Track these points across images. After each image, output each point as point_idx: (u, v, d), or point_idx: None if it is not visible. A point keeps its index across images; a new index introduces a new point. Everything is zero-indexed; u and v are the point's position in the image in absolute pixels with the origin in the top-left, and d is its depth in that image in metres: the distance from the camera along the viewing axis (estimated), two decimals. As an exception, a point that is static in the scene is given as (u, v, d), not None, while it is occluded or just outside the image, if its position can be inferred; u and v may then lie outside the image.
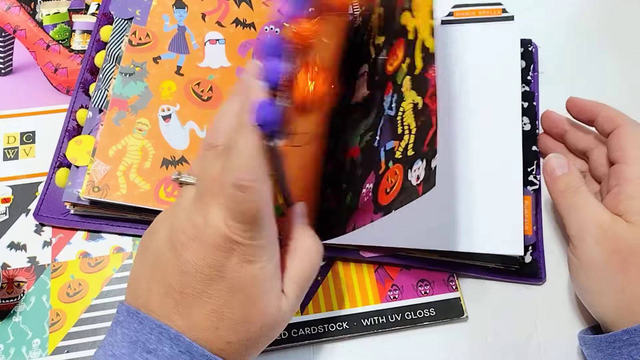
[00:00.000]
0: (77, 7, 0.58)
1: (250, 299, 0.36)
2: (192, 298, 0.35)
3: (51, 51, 0.56)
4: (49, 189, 0.49)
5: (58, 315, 0.46)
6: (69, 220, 0.49)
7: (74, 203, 0.47)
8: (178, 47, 0.51)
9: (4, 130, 0.53)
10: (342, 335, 0.46)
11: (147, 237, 0.39)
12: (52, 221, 0.49)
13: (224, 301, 0.35)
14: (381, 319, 0.46)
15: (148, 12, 0.52)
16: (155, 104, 0.49)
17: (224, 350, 0.36)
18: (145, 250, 0.38)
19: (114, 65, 0.51)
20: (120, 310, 0.37)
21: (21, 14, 0.57)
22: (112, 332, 0.36)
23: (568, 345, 0.46)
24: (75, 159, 0.48)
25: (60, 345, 0.45)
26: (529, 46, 0.55)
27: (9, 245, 0.49)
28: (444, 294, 0.47)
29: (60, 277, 0.48)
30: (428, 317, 0.46)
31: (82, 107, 0.51)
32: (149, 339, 0.35)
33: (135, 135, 0.48)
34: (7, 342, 0.45)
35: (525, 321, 0.47)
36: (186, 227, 0.35)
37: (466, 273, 0.48)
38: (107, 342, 0.36)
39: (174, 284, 0.35)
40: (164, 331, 0.35)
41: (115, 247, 0.49)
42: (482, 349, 0.46)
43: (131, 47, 0.50)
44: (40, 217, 0.49)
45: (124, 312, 0.37)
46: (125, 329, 0.36)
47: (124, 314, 0.36)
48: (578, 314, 0.47)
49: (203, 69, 0.51)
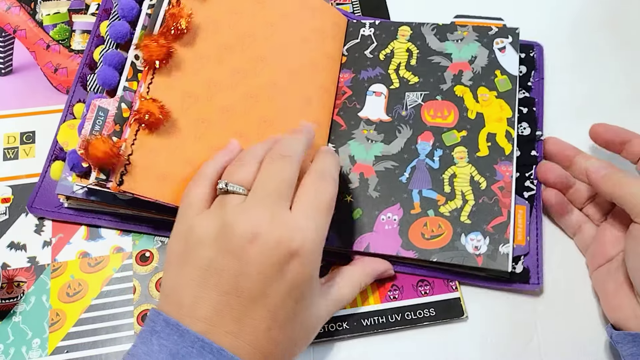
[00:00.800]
0: (77, 7, 0.58)
1: (305, 300, 0.38)
2: (249, 301, 0.36)
3: (51, 51, 0.56)
4: (43, 181, 0.49)
5: (58, 315, 0.46)
6: (62, 214, 0.49)
7: (67, 196, 0.47)
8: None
9: (4, 130, 0.53)
10: (342, 335, 0.46)
11: (182, 245, 0.39)
12: (45, 214, 0.49)
13: (281, 302, 0.37)
14: (381, 319, 0.46)
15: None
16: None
17: (272, 353, 0.37)
18: (186, 259, 0.38)
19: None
20: (156, 319, 0.37)
21: (21, 14, 0.57)
22: (147, 340, 0.36)
23: (568, 346, 0.46)
24: (66, 143, 0.48)
25: (60, 345, 0.45)
26: (530, 52, 0.55)
27: (9, 245, 0.49)
28: (444, 294, 0.47)
29: (60, 277, 0.48)
30: (428, 317, 0.46)
31: (79, 101, 0.51)
32: (189, 352, 0.34)
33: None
34: (7, 342, 0.45)
35: (525, 322, 0.47)
36: (245, 230, 0.37)
37: (462, 280, 0.48)
38: (142, 351, 0.35)
39: (229, 289, 0.36)
40: (206, 345, 0.35)
41: (115, 247, 0.49)
42: (482, 349, 0.46)
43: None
44: (34, 209, 0.49)
45: (161, 322, 0.36)
46: (164, 340, 0.35)
47: (162, 324, 0.36)
48: (579, 315, 0.47)
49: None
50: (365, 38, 0.55)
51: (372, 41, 0.55)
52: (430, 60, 0.53)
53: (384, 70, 0.53)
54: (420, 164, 0.49)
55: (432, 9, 0.59)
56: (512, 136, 0.49)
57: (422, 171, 0.49)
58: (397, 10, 0.59)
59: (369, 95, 0.52)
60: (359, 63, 0.54)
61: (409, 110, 0.51)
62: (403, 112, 0.51)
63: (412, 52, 0.54)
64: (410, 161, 0.49)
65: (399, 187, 0.49)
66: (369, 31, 0.55)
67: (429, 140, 0.50)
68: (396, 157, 0.50)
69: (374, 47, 0.54)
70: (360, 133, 0.51)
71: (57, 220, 0.49)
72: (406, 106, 0.51)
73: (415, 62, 0.53)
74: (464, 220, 0.47)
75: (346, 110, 0.52)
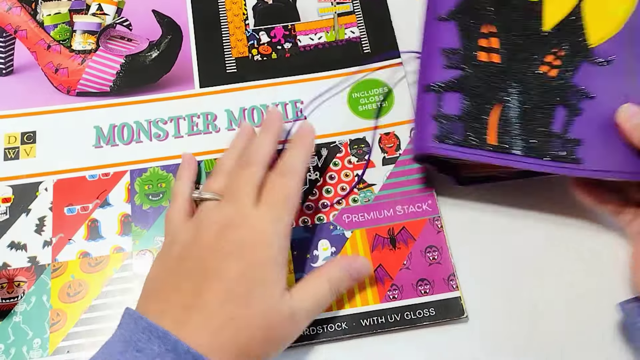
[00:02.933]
0: (78, 7, 0.58)
1: (264, 287, 0.40)
2: (205, 276, 0.39)
3: (52, 51, 0.56)
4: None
5: (58, 315, 0.46)
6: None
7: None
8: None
9: (4, 130, 0.53)
10: (341, 335, 0.46)
11: (164, 251, 0.44)
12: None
13: (237, 278, 0.39)
14: (380, 319, 0.46)
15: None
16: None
17: (224, 327, 0.38)
18: (164, 258, 0.43)
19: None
20: (124, 314, 0.40)
21: (22, 15, 0.57)
22: (113, 333, 0.39)
23: (570, 346, 0.46)
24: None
25: (60, 345, 0.46)
26: None
27: (9, 245, 0.49)
28: (444, 293, 0.47)
29: (60, 277, 0.48)
30: (428, 317, 0.46)
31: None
32: (140, 338, 0.37)
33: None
34: (7, 342, 0.45)
35: (526, 322, 0.47)
36: (214, 222, 0.42)
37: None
38: (106, 341, 0.39)
39: (191, 267, 0.40)
40: (153, 330, 0.37)
41: (116, 247, 0.49)
42: (483, 349, 0.46)
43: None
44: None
45: (126, 315, 0.39)
46: (123, 329, 0.38)
47: (126, 317, 0.39)
48: (579, 313, 0.47)
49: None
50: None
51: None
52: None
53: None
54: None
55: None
56: None
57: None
58: (397, 10, 0.59)
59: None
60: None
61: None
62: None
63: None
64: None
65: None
66: None
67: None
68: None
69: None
70: None
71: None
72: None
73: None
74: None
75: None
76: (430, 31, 0.50)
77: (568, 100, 0.46)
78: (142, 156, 0.52)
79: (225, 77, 0.56)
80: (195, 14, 0.59)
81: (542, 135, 0.45)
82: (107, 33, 0.58)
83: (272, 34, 0.58)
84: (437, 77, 0.47)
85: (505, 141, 0.45)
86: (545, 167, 0.45)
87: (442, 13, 0.49)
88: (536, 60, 0.48)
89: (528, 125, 0.46)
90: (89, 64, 0.56)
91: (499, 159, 0.45)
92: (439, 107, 0.46)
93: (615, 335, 0.46)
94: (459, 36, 0.48)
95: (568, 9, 0.49)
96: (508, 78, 0.47)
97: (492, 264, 0.49)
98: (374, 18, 0.59)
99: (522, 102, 0.46)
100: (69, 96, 0.55)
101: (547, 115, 0.46)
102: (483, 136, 0.45)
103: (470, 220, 0.50)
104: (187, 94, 0.55)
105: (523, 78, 0.47)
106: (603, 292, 0.47)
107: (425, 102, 0.47)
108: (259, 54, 0.57)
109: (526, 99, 0.46)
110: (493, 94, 0.47)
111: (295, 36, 0.58)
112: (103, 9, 0.58)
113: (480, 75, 0.47)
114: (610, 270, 0.48)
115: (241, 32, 0.58)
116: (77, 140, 0.53)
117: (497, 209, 0.51)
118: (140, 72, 0.56)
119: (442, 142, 0.45)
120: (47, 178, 0.51)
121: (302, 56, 0.57)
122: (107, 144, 0.53)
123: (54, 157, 0.52)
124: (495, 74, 0.47)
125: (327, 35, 0.58)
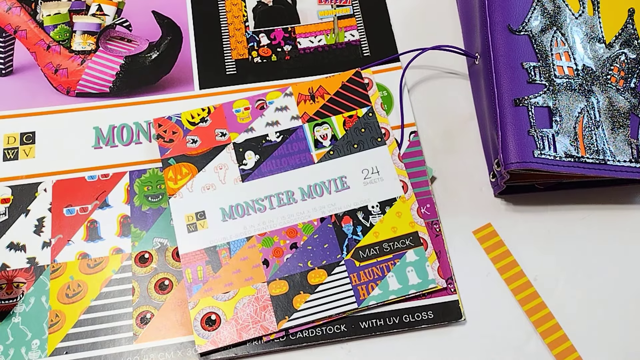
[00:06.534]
0: (77, 7, 0.58)
1: None
2: None
3: (52, 52, 0.56)
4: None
5: (57, 316, 0.46)
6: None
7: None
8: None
9: (4, 131, 0.53)
10: (340, 337, 0.46)
11: None
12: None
13: None
14: (379, 322, 0.46)
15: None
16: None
17: None
18: None
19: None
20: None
21: (22, 15, 0.57)
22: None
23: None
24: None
25: (59, 346, 0.46)
26: None
27: (9, 245, 0.49)
28: (443, 296, 0.47)
29: (59, 277, 0.48)
30: (426, 320, 0.46)
31: None
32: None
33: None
34: (6, 343, 0.45)
35: (523, 325, 0.47)
36: None
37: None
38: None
39: None
40: None
41: (114, 248, 0.49)
42: (481, 352, 0.46)
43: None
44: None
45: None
46: None
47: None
48: (578, 315, 0.47)
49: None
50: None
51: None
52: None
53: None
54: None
55: (432, 8, 0.59)
56: None
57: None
58: (397, 10, 0.59)
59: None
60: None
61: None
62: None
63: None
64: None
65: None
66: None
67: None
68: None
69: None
70: None
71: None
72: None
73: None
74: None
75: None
76: (504, 43, 0.50)
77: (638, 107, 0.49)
78: (141, 157, 0.52)
79: (224, 79, 0.56)
80: (195, 15, 0.59)
81: (625, 143, 0.47)
82: (107, 34, 0.58)
83: (272, 36, 0.58)
84: (524, 92, 0.48)
85: (595, 151, 0.47)
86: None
87: (514, 26, 0.50)
88: (605, 72, 0.49)
89: (611, 136, 0.47)
90: (88, 65, 0.56)
91: (596, 170, 0.46)
92: (532, 121, 0.47)
93: (615, 336, 0.47)
94: (536, 51, 0.49)
95: (622, 21, 0.51)
96: (585, 91, 0.48)
97: (490, 267, 0.49)
98: (373, 21, 0.59)
99: (600, 113, 0.48)
100: (69, 97, 0.55)
101: (624, 125, 0.48)
102: (577, 149, 0.47)
103: (470, 223, 0.51)
104: (186, 95, 0.55)
105: (598, 90, 0.49)
106: (603, 291, 0.48)
107: (516, 117, 0.47)
108: (259, 56, 0.57)
109: (603, 110, 0.48)
110: (576, 107, 0.48)
111: (295, 39, 0.58)
112: (103, 9, 0.58)
113: (562, 89, 0.48)
114: (616, 274, 0.49)
115: (241, 34, 0.58)
116: (76, 141, 0.53)
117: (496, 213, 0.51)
118: (140, 73, 0.56)
119: (541, 157, 0.46)
120: (47, 179, 0.51)
121: (302, 59, 0.57)
122: (107, 145, 0.53)
123: (53, 158, 0.52)
124: (574, 88, 0.48)
125: (327, 38, 0.58)
